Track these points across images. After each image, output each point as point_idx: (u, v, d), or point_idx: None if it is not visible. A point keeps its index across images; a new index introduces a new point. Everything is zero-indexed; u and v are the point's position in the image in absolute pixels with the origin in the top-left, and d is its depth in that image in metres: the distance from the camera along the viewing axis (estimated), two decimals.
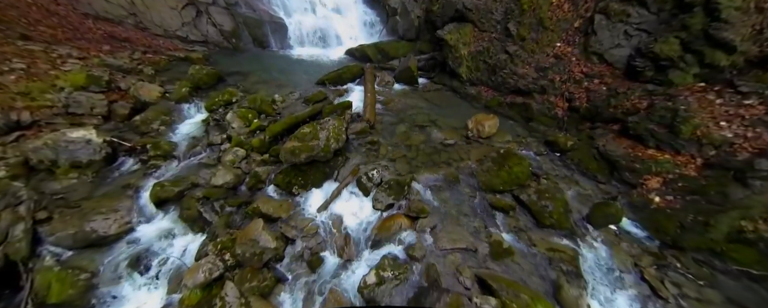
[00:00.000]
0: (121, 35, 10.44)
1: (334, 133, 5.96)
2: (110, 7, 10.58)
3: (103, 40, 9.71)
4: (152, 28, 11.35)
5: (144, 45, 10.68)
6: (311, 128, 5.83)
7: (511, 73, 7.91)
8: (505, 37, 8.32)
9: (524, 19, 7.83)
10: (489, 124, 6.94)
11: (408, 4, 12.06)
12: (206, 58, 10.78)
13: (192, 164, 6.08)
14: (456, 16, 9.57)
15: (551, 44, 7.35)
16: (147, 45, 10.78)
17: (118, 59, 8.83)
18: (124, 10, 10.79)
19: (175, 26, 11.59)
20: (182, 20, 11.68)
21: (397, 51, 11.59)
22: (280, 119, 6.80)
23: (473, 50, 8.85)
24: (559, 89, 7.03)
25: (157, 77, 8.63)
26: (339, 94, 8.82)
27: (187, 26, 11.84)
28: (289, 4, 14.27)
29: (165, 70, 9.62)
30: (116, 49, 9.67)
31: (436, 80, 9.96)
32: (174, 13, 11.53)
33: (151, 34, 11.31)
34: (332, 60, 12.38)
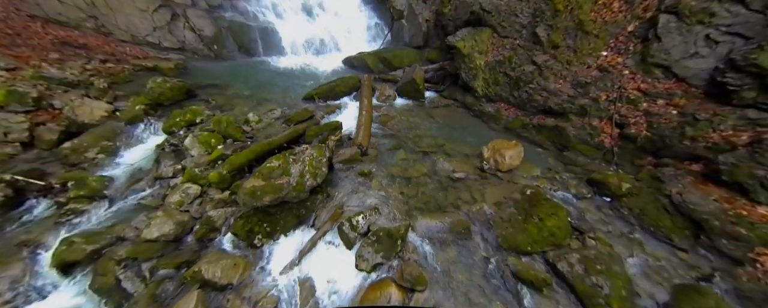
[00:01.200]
0: (78, 41, 9.30)
1: (312, 166, 4.60)
2: (65, 9, 9.48)
3: (53, 47, 8.55)
4: (117, 33, 10.23)
5: (105, 53, 9.52)
6: (281, 161, 4.49)
7: (539, 89, 6.61)
8: (532, 45, 7.07)
9: (558, 22, 6.59)
10: (511, 153, 5.54)
11: (415, 6, 10.95)
12: (180, 68, 9.58)
13: (127, 207, 4.71)
14: (471, 19, 8.38)
15: (594, 53, 6.07)
16: (109, 53, 9.62)
17: (65, 70, 7.62)
18: (82, 12, 9.69)
19: (145, 31, 10.48)
20: (154, 24, 10.58)
21: (402, 60, 10.37)
22: (248, 146, 5.46)
23: (491, 60, 7.59)
24: (605, 111, 5.67)
25: (110, 92, 7.37)
26: (329, 111, 7.51)
27: (160, 31, 10.73)
28: (281, 6, 13.23)
29: (125, 83, 8.38)
30: (68, 57, 8.50)
31: (446, 94, 8.67)
32: (144, 16, 10.44)
33: (115, 40, 10.17)
34: (327, 70, 11.17)
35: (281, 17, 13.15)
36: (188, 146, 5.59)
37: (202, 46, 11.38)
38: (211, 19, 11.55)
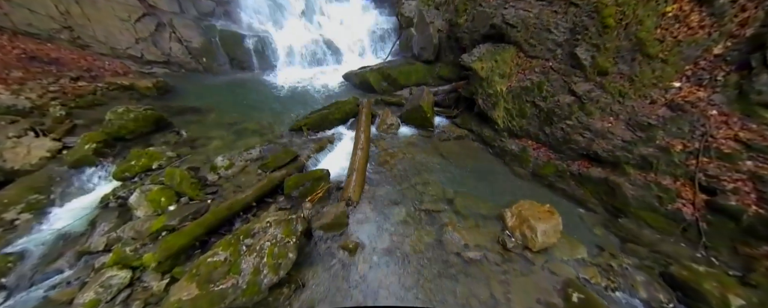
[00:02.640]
0: (49, 56, 8.18)
1: (273, 256, 3.24)
2: (36, 19, 8.36)
3: (18, 63, 7.45)
4: (95, 46, 9.08)
5: (79, 68, 8.39)
6: (228, 252, 3.16)
7: (580, 127, 5.02)
8: (569, 69, 5.46)
9: (607, 42, 4.96)
10: (544, 228, 3.90)
11: (426, 14, 9.35)
12: (160, 87, 8.32)
13: (29, 304, 3.46)
14: (491, 33, 6.77)
15: (662, 84, 4.42)
16: (84, 68, 8.48)
17: (21, 94, 6.49)
18: (56, 23, 8.55)
19: (126, 43, 9.30)
20: (136, 35, 9.38)
21: (409, 77, 8.83)
22: (203, 210, 4.15)
23: (515, 86, 6.01)
24: (682, 167, 4.04)
25: (66, 122, 6.18)
26: (319, 148, 6.10)
27: (143, 43, 9.53)
28: (280, 12, 11.79)
29: (93, 107, 7.19)
30: (32, 76, 7.38)
31: (459, 123, 7.13)
32: (125, 27, 9.25)
33: (92, 53, 9.03)
34: (325, 87, 9.74)
35: (279, 25, 11.75)
36: (134, 204, 4.32)
37: (190, 58, 10.15)
38: (200, 29, 10.28)
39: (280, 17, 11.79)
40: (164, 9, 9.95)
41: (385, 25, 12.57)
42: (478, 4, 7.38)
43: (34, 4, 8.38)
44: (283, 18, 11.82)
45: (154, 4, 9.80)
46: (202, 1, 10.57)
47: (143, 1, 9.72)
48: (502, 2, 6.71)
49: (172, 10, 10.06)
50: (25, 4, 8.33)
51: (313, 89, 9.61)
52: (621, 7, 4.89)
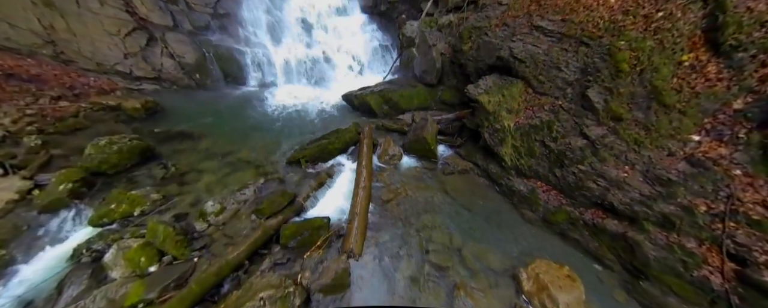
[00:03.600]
0: (29, 72, 7.48)
1: None
2: (16, 34, 7.67)
3: None
4: (80, 62, 8.41)
5: (61, 85, 7.72)
6: None
7: (593, 174, 4.73)
8: (581, 110, 5.18)
9: (621, 86, 4.69)
10: (566, 300, 3.52)
11: (429, 36, 9.01)
12: (149, 107, 7.70)
13: None
14: (498, 65, 6.45)
15: (679, 136, 4.17)
16: (67, 85, 7.81)
17: None
18: (38, 38, 7.86)
19: (114, 59, 8.65)
20: (125, 50, 8.75)
21: (411, 101, 8.45)
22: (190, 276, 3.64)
23: (524, 123, 5.70)
24: (707, 230, 3.75)
25: (42, 153, 5.56)
26: (318, 184, 5.64)
27: (133, 58, 8.89)
28: (278, 28, 11.28)
29: (75, 133, 6.55)
30: (8, 96, 6.69)
31: (464, 154, 6.78)
32: (113, 42, 8.61)
33: (77, 69, 8.36)
34: (324, 108, 9.26)
35: (277, 39, 11.25)
36: (110, 263, 3.78)
37: (182, 74, 9.55)
38: (194, 44, 9.69)
39: (279, 32, 11.30)
40: (157, 23, 9.35)
41: (385, 40, 12.24)
42: (484, 33, 7.08)
43: (16, 19, 7.71)
44: (281, 33, 11.33)
45: (146, 17, 9.21)
46: (196, 15, 10.02)
47: (134, 15, 9.12)
48: (509, 34, 6.41)
49: (165, 23, 9.47)
50: (5, 18, 7.65)
51: (312, 109, 9.14)
52: (635, 52, 4.63)
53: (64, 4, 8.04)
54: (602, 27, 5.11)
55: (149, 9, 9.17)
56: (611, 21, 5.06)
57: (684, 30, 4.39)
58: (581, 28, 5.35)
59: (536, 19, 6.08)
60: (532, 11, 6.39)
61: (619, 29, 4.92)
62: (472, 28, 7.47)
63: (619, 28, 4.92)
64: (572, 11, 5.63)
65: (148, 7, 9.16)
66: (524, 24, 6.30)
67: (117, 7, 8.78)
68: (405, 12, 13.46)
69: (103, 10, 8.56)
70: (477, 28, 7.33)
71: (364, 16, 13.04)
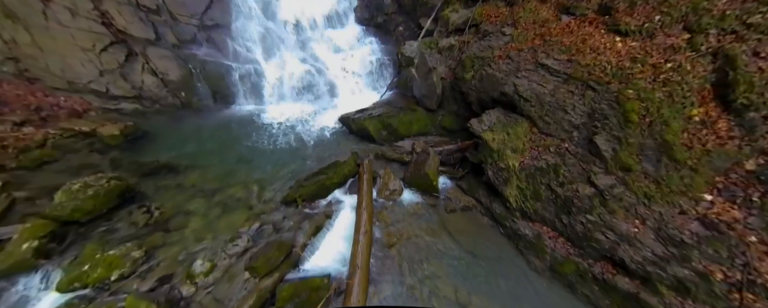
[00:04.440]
0: None
1: None
2: None
3: None
4: (47, 80, 7.52)
5: (26, 107, 6.85)
6: None
7: (602, 226, 4.60)
8: (588, 156, 5.04)
9: (629, 136, 4.56)
10: None
11: (429, 58, 8.69)
12: (128, 134, 6.97)
13: None
14: (502, 100, 6.24)
15: (691, 193, 4.08)
16: (32, 107, 6.94)
17: None
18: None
19: (87, 76, 7.81)
20: (101, 67, 7.92)
21: (410, 127, 8.13)
22: None
23: (529, 163, 5.52)
24: (725, 300, 3.55)
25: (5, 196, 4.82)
26: (316, 227, 5.23)
27: (110, 76, 8.07)
28: (270, 40, 10.57)
29: (41, 166, 5.80)
30: None
31: (466, 188, 6.54)
32: (87, 58, 7.76)
33: (44, 88, 7.46)
34: (320, 132, 8.74)
35: (269, 53, 10.59)
36: None
37: (166, 93, 8.78)
38: (179, 59, 8.93)
39: (271, 45, 10.64)
40: (137, 36, 8.54)
41: (382, 53, 11.84)
42: (487, 64, 6.85)
43: None
44: (273, 46, 10.69)
45: (124, 30, 8.38)
46: (181, 26, 9.24)
47: (111, 27, 8.28)
48: (514, 69, 6.21)
49: (146, 37, 8.66)
50: None
51: (307, 133, 8.63)
52: (644, 102, 4.51)
53: (29, 16, 7.15)
54: (610, 73, 4.97)
55: (128, 21, 8.35)
56: (619, 67, 4.93)
57: (693, 83, 4.31)
58: (588, 72, 5.20)
59: (541, 56, 5.90)
60: (536, 46, 6.21)
61: (627, 77, 4.79)
62: (474, 57, 7.22)
63: (628, 75, 4.79)
64: (578, 52, 5.48)
65: (127, 19, 8.34)
66: (529, 59, 6.11)
67: (91, 19, 7.93)
68: (402, 24, 13.11)
69: (75, 22, 7.70)
70: (480, 58, 7.10)
71: (360, 28, 12.60)
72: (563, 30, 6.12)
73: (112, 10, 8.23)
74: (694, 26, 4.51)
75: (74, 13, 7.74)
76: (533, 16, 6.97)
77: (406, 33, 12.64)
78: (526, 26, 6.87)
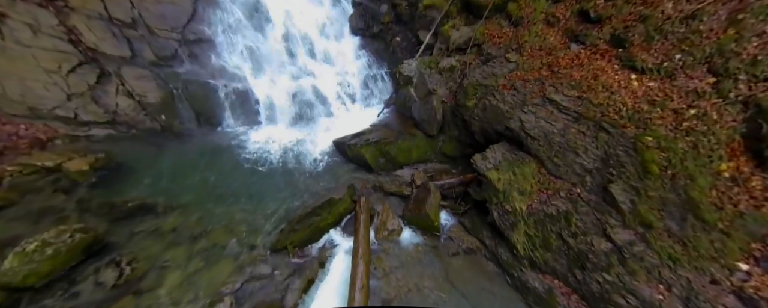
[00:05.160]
0: None
1: None
2: None
3: None
4: (5, 106, 6.60)
5: None
6: None
7: (622, 288, 4.15)
8: (603, 205, 4.63)
9: (650, 189, 4.16)
10: None
11: (428, 79, 8.14)
12: (99, 168, 6.20)
13: None
14: (507, 135, 5.78)
15: (724, 260, 3.71)
16: None
17: None
18: None
19: (53, 101, 6.94)
20: (68, 90, 7.07)
21: (409, 155, 7.58)
22: None
23: (538, 208, 5.08)
24: None
25: None
26: (308, 282, 4.67)
27: (79, 99, 7.22)
28: (259, 55, 9.55)
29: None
30: None
31: (469, 226, 6.07)
32: (52, 80, 6.90)
33: (1, 115, 6.63)
34: (313, 159, 8.08)
35: (259, 69, 9.80)
36: None
37: (144, 116, 7.97)
38: (158, 79, 8.12)
39: (260, 59, 9.85)
40: (110, 54, 7.69)
41: (378, 66, 11.24)
42: (490, 93, 6.35)
43: None
44: (263, 60, 9.90)
45: (95, 47, 7.53)
46: (160, 42, 8.39)
47: (80, 45, 7.43)
48: (520, 102, 5.73)
49: (120, 54, 7.81)
50: None
51: (299, 160, 7.99)
52: (665, 152, 4.10)
53: None
54: (625, 115, 4.55)
55: (99, 37, 7.50)
56: (635, 110, 4.51)
57: (721, 135, 3.91)
58: (601, 112, 4.76)
59: (550, 89, 5.44)
60: (544, 77, 5.74)
61: (644, 121, 4.37)
62: (477, 84, 6.72)
63: (645, 120, 4.38)
64: (590, 89, 5.03)
65: (98, 35, 7.49)
66: (536, 92, 5.64)
67: (56, 37, 7.06)
68: (399, 34, 12.45)
69: (37, 41, 6.83)
70: (483, 86, 6.60)
71: (356, 38, 11.88)
72: (572, 61, 5.67)
73: (80, 26, 7.36)
74: (720, 69, 4.11)
75: (36, 30, 6.87)
76: (539, 41, 6.51)
77: (404, 44, 12.04)
78: (532, 53, 6.41)
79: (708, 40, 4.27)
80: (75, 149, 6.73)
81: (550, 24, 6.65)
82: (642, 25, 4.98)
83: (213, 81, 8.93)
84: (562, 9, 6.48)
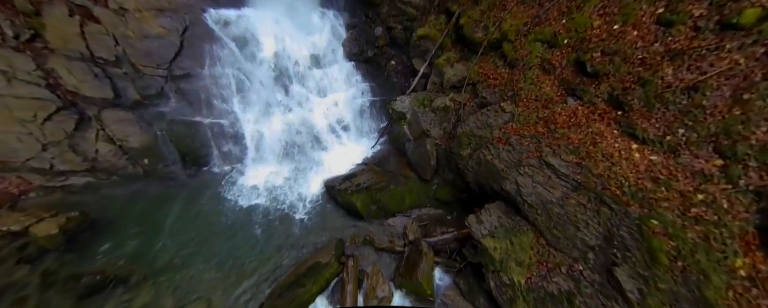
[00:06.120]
0: None
1: None
2: None
3: None
4: None
5: None
6: None
7: None
8: (607, 288, 4.25)
9: (659, 280, 3.78)
10: None
11: (422, 118, 7.78)
12: (68, 230, 5.65)
13: None
14: (503, 196, 5.42)
15: None
16: None
17: None
18: None
19: (26, 153, 6.49)
20: (44, 140, 6.63)
21: (402, 202, 7.19)
22: None
23: (538, 284, 4.69)
24: None
25: None
26: None
27: (55, 148, 6.76)
28: (249, 87, 9.06)
29: None
30: None
31: (465, 289, 5.63)
32: (26, 130, 6.46)
33: None
34: (302, 205, 7.64)
35: (248, 103, 9.32)
36: None
37: (126, 161, 7.52)
38: (142, 122, 7.69)
39: (250, 92, 9.39)
40: (90, 96, 7.26)
41: (372, 93, 10.85)
42: (485, 146, 5.99)
43: None
44: (252, 93, 9.44)
45: (75, 90, 7.11)
46: (146, 79, 7.94)
47: (59, 89, 7.01)
48: (515, 161, 5.37)
49: (102, 96, 7.39)
50: None
51: (287, 205, 7.55)
52: (674, 241, 3.76)
53: None
54: (628, 192, 4.21)
55: (80, 79, 7.09)
56: (638, 187, 4.17)
57: (733, 227, 3.57)
58: (602, 184, 4.42)
59: (546, 151, 5.11)
60: (540, 135, 5.41)
61: (649, 202, 4.03)
62: (471, 134, 6.37)
63: (650, 200, 4.03)
64: (589, 156, 4.70)
65: (78, 77, 7.08)
66: (532, 152, 5.30)
67: (33, 83, 6.65)
68: (394, 57, 12.14)
69: (11, 89, 6.42)
70: (477, 137, 6.25)
71: (349, 64, 11.45)
72: (569, 119, 5.35)
73: (59, 69, 6.96)
74: (727, 152, 3.80)
75: (10, 77, 6.45)
76: (535, 90, 6.18)
77: (399, 67, 11.74)
78: (528, 103, 6.09)
79: (712, 117, 3.95)
80: (50, 203, 6.29)
81: (545, 71, 6.33)
82: (641, 89, 4.67)
83: (200, 118, 8.53)
84: (558, 56, 6.17)
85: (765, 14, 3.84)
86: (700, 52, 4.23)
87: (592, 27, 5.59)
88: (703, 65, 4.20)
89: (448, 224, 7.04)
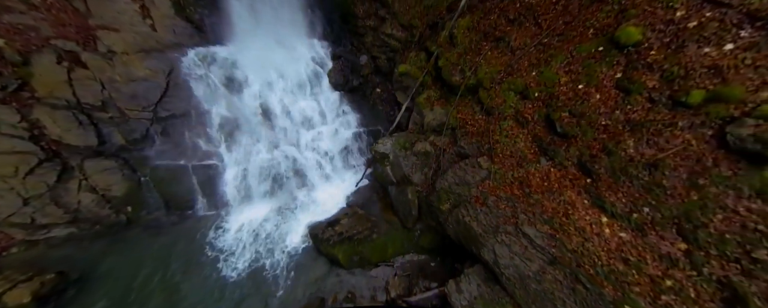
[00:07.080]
0: None
1: None
2: None
3: None
4: None
5: None
6: None
7: None
8: None
9: None
10: None
11: (403, 162, 7.79)
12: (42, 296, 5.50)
13: None
14: (482, 260, 5.39)
15: None
16: None
17: None
18: None
19: (7, 209, 6.37)
20: (25, 194, 6.55)
21: (384, 251, 7.13)
22: None
23: None
24: None
25: None
26: None
27: (36, 202, 6.67)
28: (235, 125, 8.99)
29: None
30: None
31: None
32: (8, 186, 6.36)
33: None
34: (285, 254, 7.52)
35: (233, 141, 9.18)
36: None
37: (108, 210, 7.42)
38: (125, 170, 7.63)
39: (235, 129, 9.20)
40: (74, 145, 7.21)
41: (358, 125, 10.89)
42: (463, 205, 6.01)
43: None
44: (238, 130, 9.27)
45: (59, 139, 7.06)
46: (131, 123, 7.88)
47: (42, 140, 6.98)
48: (492, 227, 5.35)
49: (86, 144, 7.33)
50: None
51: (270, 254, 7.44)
52: None
53: None
54: (600, 272, 4.18)
55: (64, 128, 7.04)
56: (611, 268, 4.15)
57: None
58: (576, 261, 4.41)
59: (522, 218, 5.10)
60: (515, 198, 5.42)
61: (621, 285, 4.01)
62: (450, 191, 6.37)
63: (622, 283, 4.02)
64: (562, 229, 4.69)
65: (63, 126, 7.03)
66: (509, 218, 5.29)
67: (16, 136, 6.62)
68: (379, 85, 12.21)
69: None
70: (456, 194, 6.26)
71: (335, 94, 11.45)
72: (543, 183, 5.35)
73: (44, 118, 6.92)
74: (690, 237, 3.80)
75: None
76: (510, 144, 6.19)
77: (384, 95, 11.78)
78: (503, 160, 6.10)
79: (673, 199, 3.97)
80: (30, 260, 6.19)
81: (519, 123, 6.33)
82: (607, 159, 4.71)
83: (184, 162, 8.46)
84: (531, 109, 6.15)
85: (709, 96, 3.89)
86: (657, 127, 4.26)
87: (560, 83, 5.58)
88: (660, 141, 4.21)
89: (431, 275, 6.98)
